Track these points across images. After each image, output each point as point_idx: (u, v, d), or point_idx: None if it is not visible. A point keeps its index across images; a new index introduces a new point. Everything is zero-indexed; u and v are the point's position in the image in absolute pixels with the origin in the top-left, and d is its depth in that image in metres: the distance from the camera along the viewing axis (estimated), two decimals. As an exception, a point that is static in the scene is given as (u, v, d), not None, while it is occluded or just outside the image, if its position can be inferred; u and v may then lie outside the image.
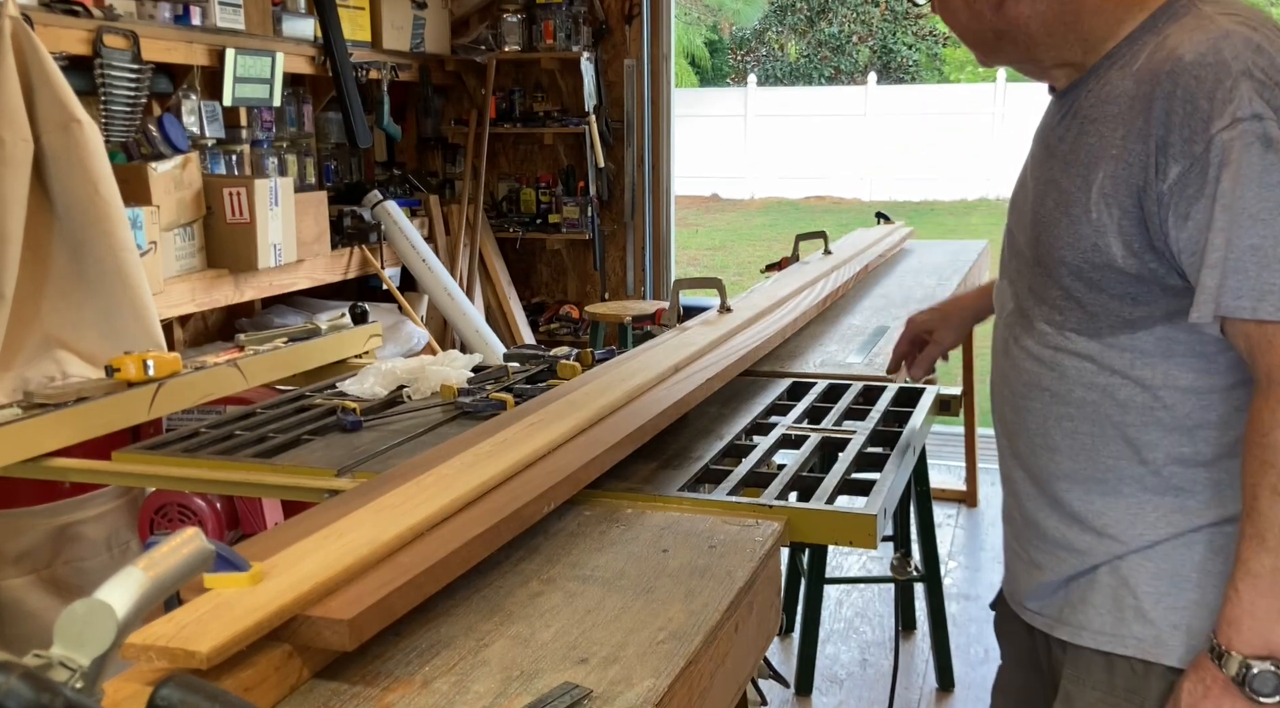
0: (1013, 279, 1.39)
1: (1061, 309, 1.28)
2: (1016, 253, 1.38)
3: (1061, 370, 1.29)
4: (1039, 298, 1.32)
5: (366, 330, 2.79)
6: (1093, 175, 1.21)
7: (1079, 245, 1.23)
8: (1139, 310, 1.23)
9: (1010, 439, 1.40)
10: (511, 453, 1.50)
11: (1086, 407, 1.28)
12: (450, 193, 5.77)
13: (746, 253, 13.06)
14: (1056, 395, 1.30)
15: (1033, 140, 1.40)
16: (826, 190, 17.47)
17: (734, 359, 2.10)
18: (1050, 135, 1.33)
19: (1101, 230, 1.21)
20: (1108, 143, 1.21)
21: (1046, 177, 1.30)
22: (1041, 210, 1.30)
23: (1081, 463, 1.29)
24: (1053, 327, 1.30)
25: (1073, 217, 1.24)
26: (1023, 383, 1.35)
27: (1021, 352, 1.35)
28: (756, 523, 1.43)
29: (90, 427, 2.04)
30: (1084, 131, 1.25)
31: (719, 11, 20.51)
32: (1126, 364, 1.25)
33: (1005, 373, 1.39)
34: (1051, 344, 1.30)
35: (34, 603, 2.50)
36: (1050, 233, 1.27)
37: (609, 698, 1.00)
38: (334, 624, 1.02)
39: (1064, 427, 1.30)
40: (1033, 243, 1.32)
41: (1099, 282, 1.23)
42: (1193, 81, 1.13)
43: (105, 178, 2.95)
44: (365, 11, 4.96)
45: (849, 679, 3.25)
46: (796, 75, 20.88)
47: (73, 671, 0.76)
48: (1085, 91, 1.27)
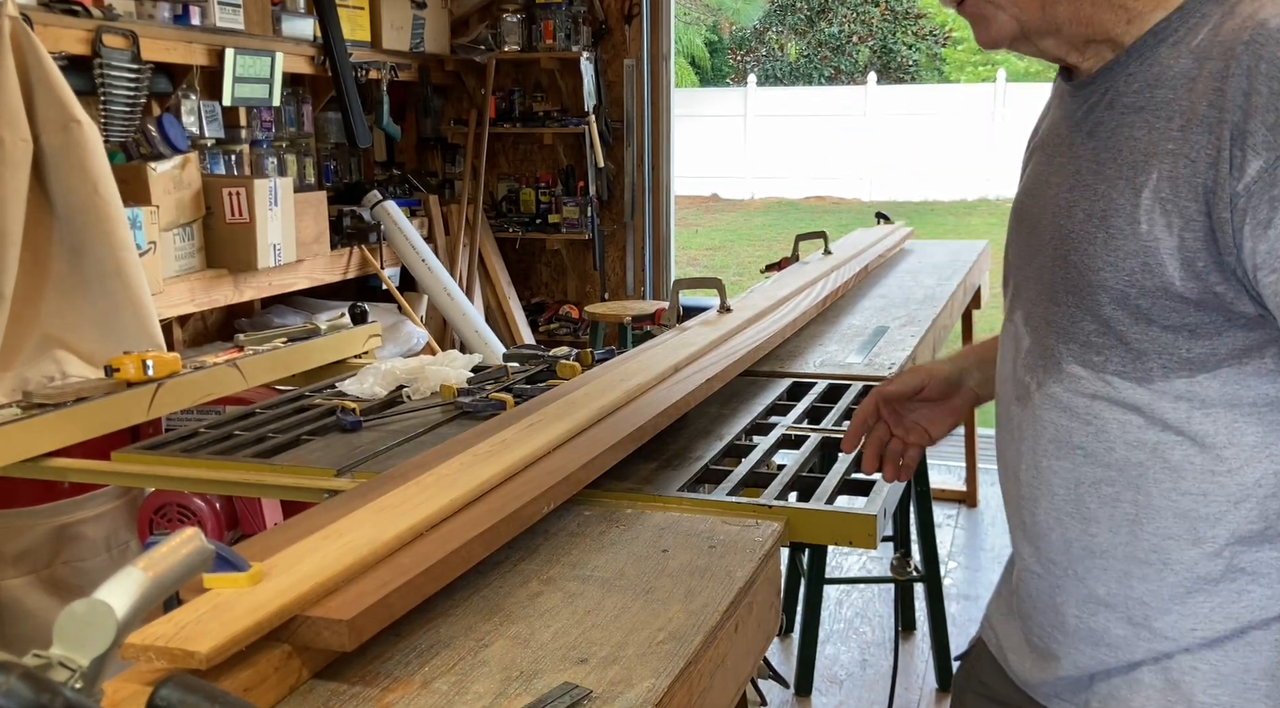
0: (1028, 312, 1.14)
1: (1099, 348, 1.05)
2: (1033, 279, 1.13)
3: (1099, 424, 1.06)
4: (1067, 334, 1.08)
5: (366, 330, 2.79)
6: (1141, 177, 0.99)
7: (1124, 266, 1.00)
8: (1199, 347, 1.00)
9: (1023, 508, 1.16)
10: (511, 453, 1.49)
11: (1130, 469, 1.05)
12: (450, 193, 5.77)
13: (746, 253, 13.06)
14: (1092, 455, 1.07)
15: (1038, 140, 1.19)
16: (826, 190, 17.47)
17: (734, 359, 2.10)
18: (1074, 131, 1.09)
19: (1153, 246, 0.98)
20: (1161, 136, 0.98)
21: (1073, 182, 1.07)
22: (1069, 224, 1.06)
23: (1122, 538, 1.06)
24: (1088, 369, 1.06)
25: (1114, 230, 1.01)
26: (1047, 439, 1.11)
27: (1046, 401, 1.11)
28: (756, 523, 1.43)
29: (90, 427, 2.04)
30: (1125, 124, 1.02)
31: (719, 11, 20.52)
32: (1182, 417, 1.02)
33: (1021, 427, 1.14)
34: (1087, 391, 1.07)
35: (33, 603, 2.50)
36: (1083, 252, 1.04)
37: (609, 698, 1.00)
38: (333, 625, 1.02)
39: (1101, 493, 1.07)
40: (1059, 265, 1.07)
41: (1149, 311, 1.00)
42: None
43: (105, 178, 2.95)
44: (365, 11, 4.96)
45: (849, 680, 3.25)
46: (796, 75, 20.89)
47: (72, 671, 0.76)
48: (1124, 75, 1.03)
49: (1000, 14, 1.05)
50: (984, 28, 1.07)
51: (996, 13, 1.05)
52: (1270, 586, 1.02)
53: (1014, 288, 1.19)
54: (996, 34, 1.06)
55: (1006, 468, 1.19)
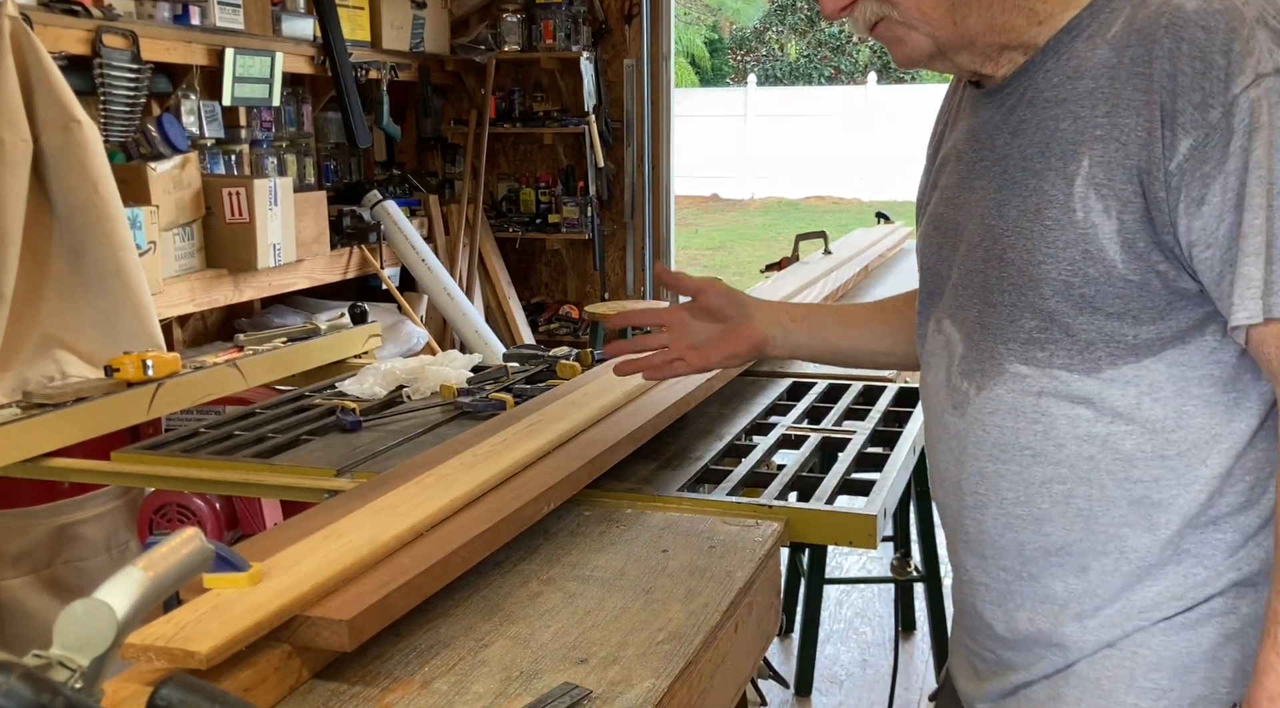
0: (958, 319, 1.12)
1: (1043, 343, 1.04)
2: (960, 285, 1.12)
3: (1047, 422, 1.05)
4: (1006, 334, 1.06)
5: (366, 330, 2.79)
6: (1072, 166, 1.00)
7: (1064, 255, 1.00)
8: (1144, 331, 1.00)
9: (966, 519, 1.13)
10: (511, 453, 1.49)
11: (1081, 464, 1.04)
12: (450, 193, 5.77)
13: (746, 253, 13.06)
14: (1041, 454, 1.05)
15: (950, 150, 1.17)
16: (826, 190, 17.47)
17: (734, 359, 2.10)
18: (995, 134, 1.09)
19: (1092, 232, 0.99)
20: (1088, 123, 1.00)
21: (1001, 182, 1.07)
22: (1002, 224, 1.06)
23: (1077, 534, 1.05)
24: (1032, 366, 1.05)
25: (1050, 221, 1.01)
26: (991, 444, 1.08)
27: (988, 404, 1.08)
28: (756, 523, 1.43)
29: (89, 427, 2.04)
30: (1049, 117, 1.03)
31: (719, 11, 20.52)
32: (1131, 404, 1.02)
33: (960, 436, 1.12)
34: (1033, 389, 1.05)
35: (33, 603, 2.50)
36: (1021, 248, 1.03)
37: (609, 698, 1.00)
38: (333, 625, 1.02)
39: (1052, 492, 1.06)
40: (992, 265, 1.07)
41: (1093, 299, 1.00)
42: (1200, 34, 0.94)
43: (104, 178, 2.95)
44: (365, 11, 4.96)
45: (849, 680, 3.25)
46: (796, 75, 20.88)
47: (72, 671, 0.76)
48: (1041, 73, 1.05)
49: (913, 34, 1.06)
50: (899, 48, 1.09)
51: (909, 33, 1.06)
52: (1213, 566, 1.03)
53: (935, 297, 1.18)
54: (912, 53, 1.08)
55: (944, 481, 1.16)
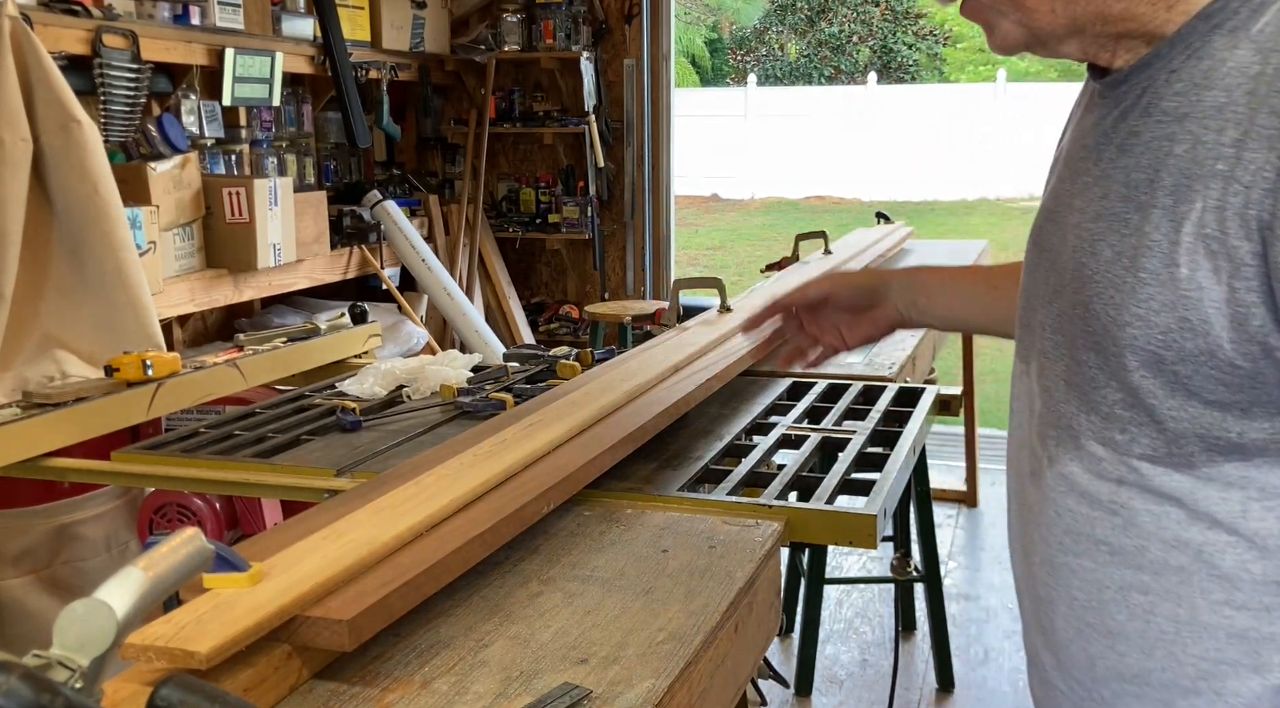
0: (1042, 366, 0.92)
1: (1124, 423, 0.83)
2: (1050, 326, 0.90)
3: (1128, 516, 0.84)
4: (1089, 402, 0.86)
5: (366, 330, 2.79)
6: (1184, 206, 0.77)
7: (1156, 321, 0.78)
8: (1254, 429, 0.78)
9: (1040, 610, 0.94)
10: (511, 453, 1.49)
11: (1168, 575, 0.83)
12: (450, 193, 5.77)
13: (746, 253, 13.06)
14: (1119, 553, 0.85)
15: (1062, 150, 0.97)
16: (826, 190, 17.47)
17: (734, 359, 2.10)
18: (1103, 144, 0.86)
19: (1195, 297, 0.76)
20: (1209, 152, 0.76)
21: (1099, 210, 0.84)
22: (1093, 264, 0.83)
23: (1160, 662, 0.85)
24: (1111, 450, 0.84)
25: (1146, 274, 0.78)
26: (1062, 531, 0.90)
27: (1060, 482, 0.89)
28: (756, 523, 1.43)
29: (89, 427, 2.04)
30: (1164, 136, 0.80)
31: (719, 11, 20.53)
32: (1235, 511, 0.80)
33: (1034, 509, 0.93)
34: (1112, 476, 0.85)
35: (33, 603, 2.50)
36: (1108, 300, 0.81)
37: (609, 698, 1.00)
38: (333, 625, 1.02)
39: (1131, 602, 0.85)
40: (1079, 314, 0.85)
41: (1188, 380, 0.78)
42: None
43: (104, 178, 2.95)
44: (365, 11, 4.96)
45: (849, 680, 3.25)
46: (796, 75, 20.88)
47: (72, 671, 0.76)
48: (1165, 72, 0.82)
49: (1003, 21, 0.88)
50: (990, 34, 0.91)
51: (999, 20, 0.88)
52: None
53: (1027, 331, 0.96)
54: (1003, 42, 0.90)
55: (1022, 555, 0.97)
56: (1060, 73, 16.99)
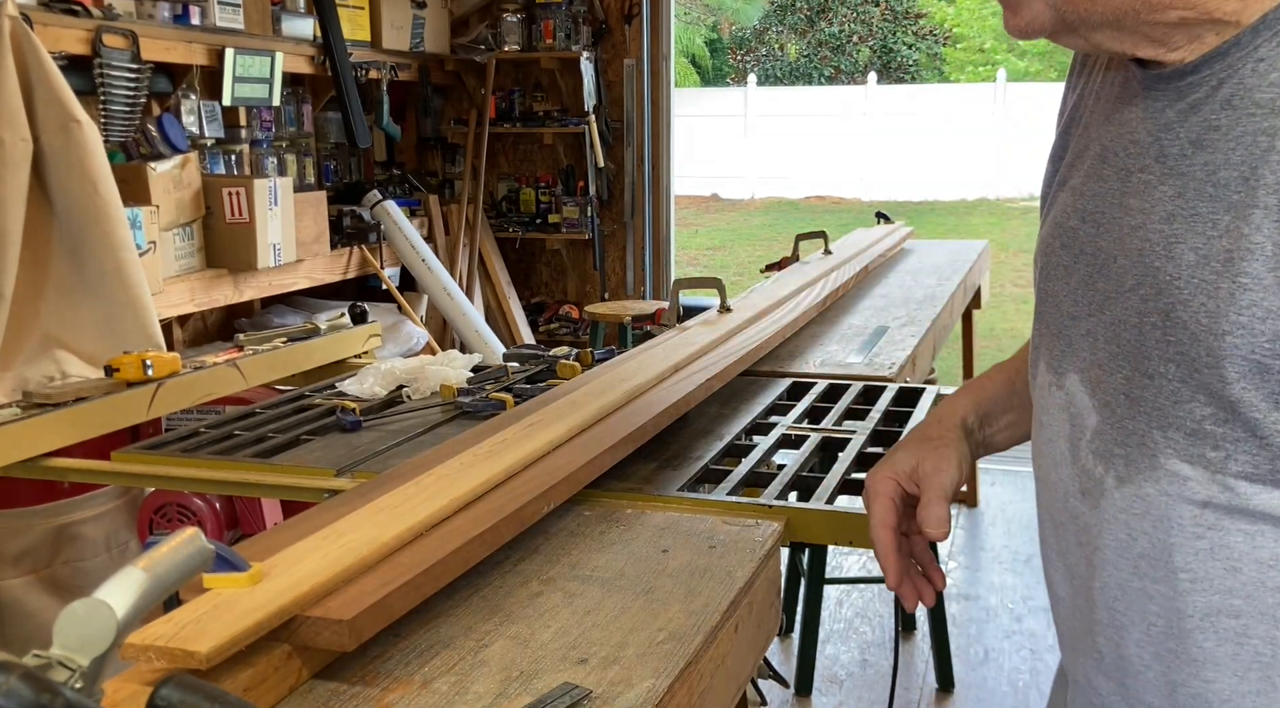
0: (1093, 379, 0.87)
1: (1218, 440, 0.78)
2: (1103, 336, 0.86)
3: (1216, 539, 0.80)
4: (1167, 418, 0.81)
5: (366, 330, 2.79)
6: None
7: (1261, 328, 0.74)
8: None
9: (1099, 634, 0.90)
10: (511, 453, 1.49)
11: (1263, 597, 0.79)
12: (450, 193, 5.77)
13: (746, 253, 13.06)
14: (1203, 579, 0.81)
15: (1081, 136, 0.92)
16: (826, 190, 17.47)
17: (734, 359, 2.10)
18: (1166, 138, 0.82)
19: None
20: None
21: (1173, 210, 0.80)
22: (1171, 268, 0.79)
23: (1254, 685, 0.81)
24: (1200, 468, 0.80)
25: (1248, 278, 0.75)
26: (1137, 555, 0.85)
27: (1132, 504, 0.85)
28: (756, 523, 1.43)
29: (89, 427, 2.04)
30: (1259, 130, 0.75)
31: (719, 11, 20.53)
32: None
33: (1091, 532, 0.88)
34: (1197, 497, 0.81)
35: (33, 603, 2.50)
36: (1198, 308, 0.77)
37: (609, 698, 1.00)
38: (333, 625, 1.02)
39: (1220, 628, 0.82)
40: (1154, 323, 0.81)
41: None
42: None
43: (104, 178, 2.95)
44: (365, 11, 4.96)
45: (849, 680, 3.25)
46: (796, 75, 20.89)
47: (72, 671, 0.76)
48: (1251, 63, 0.76)
49: (1034, 1, 0.82)
50: (1014, 14, 0.84)
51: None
52: None
53: (1062, 342, 0.91)
54: (1029, 24, 0.83)
55: (1070, 577, 0.92)
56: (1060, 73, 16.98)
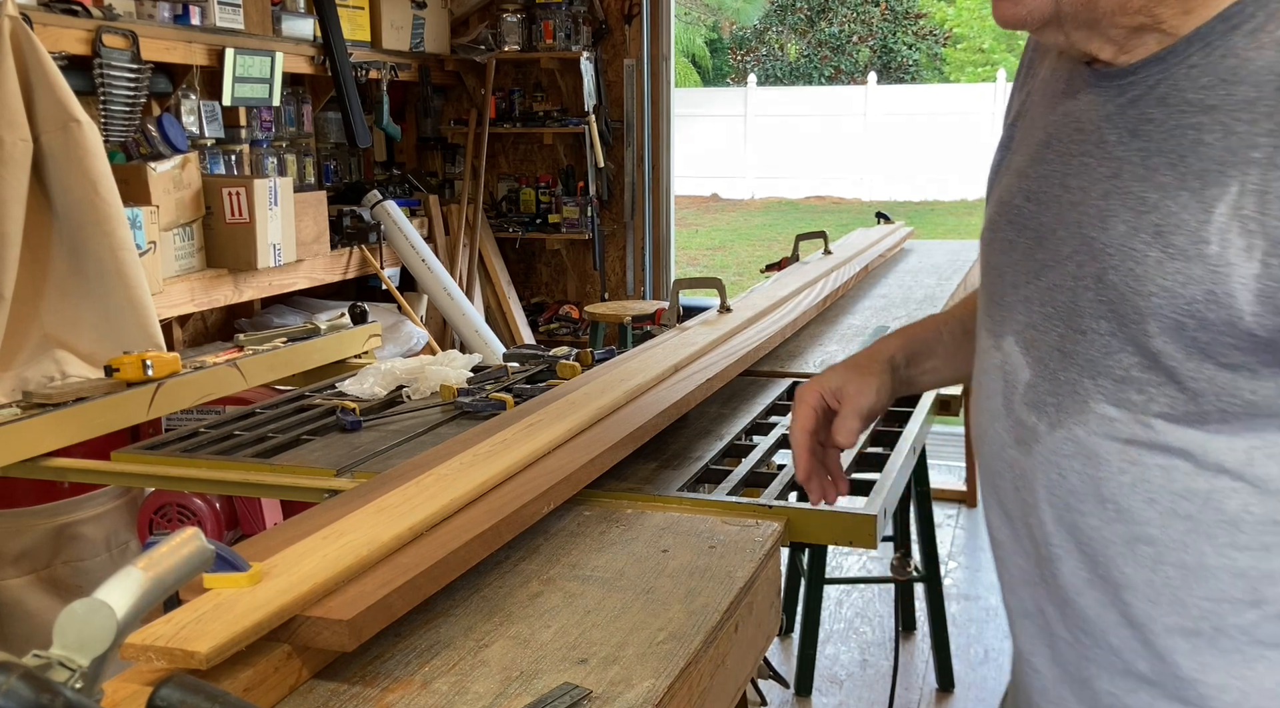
0: (1028, 339, 0.97)
1: (1142, 384, 0.89)
2: (1039, 300, 0.96)
3: (1138, 472, 0.90)
4: (1097, 367, 0.91)
5: (366, 330, 2.79)
6: (1214, 189, 0.83)
7: (1183, 292, 0.85)
8: (1265, 387, 0.85)
9: (1043, 567, 0.99)
10: (511, 453, 1.49)
11: (1175, 525, 0.89)
12: (450, 193, 5.77)
13: (746, 253, 13.07)
14: (1126, 511, 0.91)
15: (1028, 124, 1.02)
16: (826, 190, 17.49)
17: (734, 359, 2.10)
18: (1106, 127, 0.92)
19: (1224, 272, 0.83)
20: (1244, 142, 0.83)
21: (1109, 188, 0.90)
22: (1105, 238, 0.90)
23: (1165, 608, 0.90)
24: (1125, 409, 0.90)
25: (1174, 249, 0.85)
26: (1067, 492, 0.94)
27: (1064, 446, 0.94)
28: (756, 523, 1.43)
29: (89, 427, 2.04)
30: (1189, 125, 0.86)
31: (719, 11, 20.53)
32: (1242, 459, 0.86)
33: (1027, 476, 0.98)
34: (1121, 435, 0.90)
35: (33, 603, 2.50)
36: (1128, 272, 0.88)
37: (609, 698, 1.00)
38: (334, 625, 1.02)
39: (1138, 554, 0.91)
40: (1088, 285, 0.91)
41: (1207, 346, 0.85)
42: None
43: (104, 178, 2.95)
44: (365, 11, 4.96)
45: (849, 680, 3.25)
46: (796, 75, 20.90)
47: (72, 671, 0.76)
48: (1184, 68, 0.87)
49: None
50: (1010, 3, 0.91)
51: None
52: None
53: (1002, 308, 1.01)
54: (1028, 14, 0.90)
55: (1010, 521, 1.02)
56: (1060, 73, 16.95)
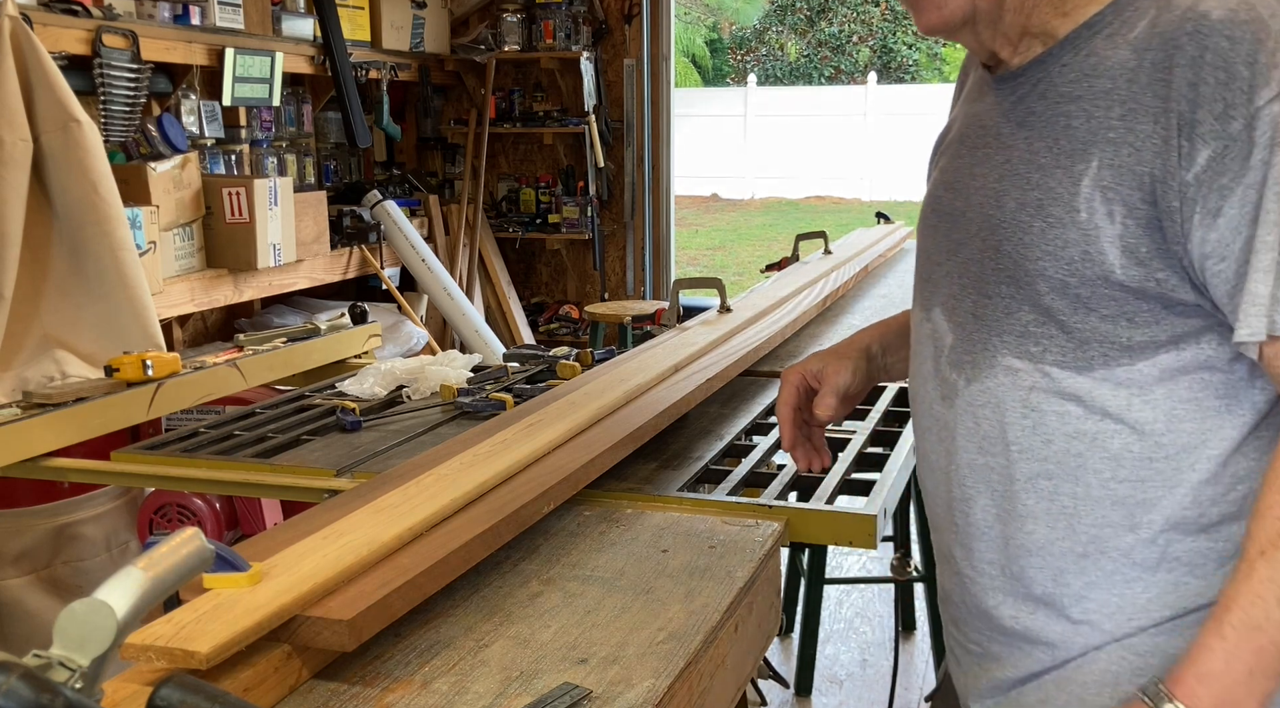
0: (950, 308, 1.13)
1: (1038, 338, 1.04)
2: (956, 274, 1.12)
3: (1037, 417, 1.05)
4: (1001, 326, 1.06)
5: (366, 330, 2.79)
6: (1080, 165, 0.99)
7: (1063, 254, 1.00)
8: (1139, 334, 1.00)
9: (955, 510, 1.13)
10: (511, 453, 1.49)
11: (1069, 461, 1.04)
12: (450, 193, 5.77)
13: (746, 253, 13.06)
14: (1028, 450, 1.05)
15: (954, 135, 1.17)
16: (826, 190, 17.48)
17: (734, 359, 2.10)
18: (1002, 122, 1.08)
19: (1094, 234, 0.98)
20: (1101, 124, 0.99)
21: (1003, 172, 1.06)
22: (1000, 214, 1.05)
23: (1060, 533, 1.05)
24: (1026, 360, 1.05)
25: (1052, 218, 1.01)
26: (981, 437, 1.08)
27: (978, 396, 1.08)
28: (756, 523, 1.43)
29: (89, 427, 2.04)
30: (1061, 113, 1.02)
31: (719, 11, 20.52)
32: (1122, 404, 1.01)
33: (948, 426, 1.12)
34: (1024, 384, 1.05)
35: (33, 603, 2.50)
36: (1018, 241, 1.03)
37: (609, 698, 1.00)
38: (334, 625, 1.02)
39: (1038, 488, 1.06)
40: (989, 256, 1.07)
41: (1088, 300, 1.00)
42: (1225, 43, 0.93)
43: (104, 178, 2.95)
44: (365, 11, 4.96)
45: (849, 680, 3.25)
46: (796, 75, 20.89)
47: (72, 671, 0.76)
48: (1058, 66, 1.04)
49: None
50: (932, 9, 1.06)
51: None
52: (1205, 576, 1.01)
53: (930, 284, 1.17)
54: (949, 16, 1.06)
55: (933, 471, 1.16)
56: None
